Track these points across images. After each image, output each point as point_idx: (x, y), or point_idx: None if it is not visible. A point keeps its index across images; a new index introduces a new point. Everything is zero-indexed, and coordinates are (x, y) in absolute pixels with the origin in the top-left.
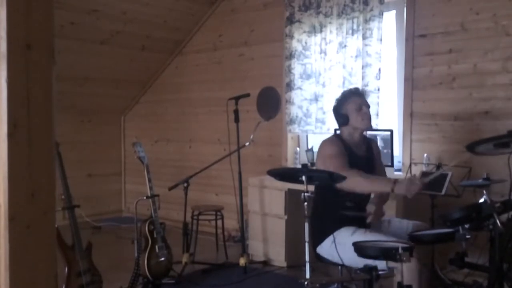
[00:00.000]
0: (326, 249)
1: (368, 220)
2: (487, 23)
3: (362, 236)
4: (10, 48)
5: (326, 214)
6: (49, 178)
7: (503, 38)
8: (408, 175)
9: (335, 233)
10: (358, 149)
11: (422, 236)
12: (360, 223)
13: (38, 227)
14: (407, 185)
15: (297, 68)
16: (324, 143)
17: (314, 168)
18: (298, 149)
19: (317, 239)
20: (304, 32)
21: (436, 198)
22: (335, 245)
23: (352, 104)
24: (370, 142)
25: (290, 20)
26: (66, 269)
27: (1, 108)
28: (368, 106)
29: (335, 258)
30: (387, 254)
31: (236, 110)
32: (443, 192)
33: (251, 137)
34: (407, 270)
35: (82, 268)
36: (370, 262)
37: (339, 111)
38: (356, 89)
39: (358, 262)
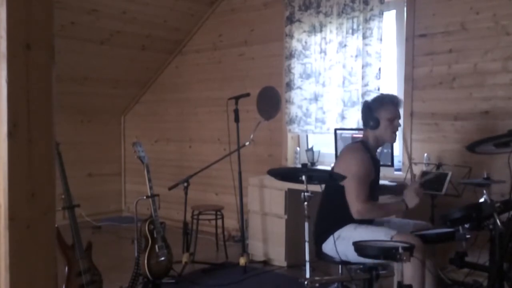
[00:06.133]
0: (331, 246)
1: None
2: (487, 23)
3: (365, 230)
4: (10, 48)
5: (334, 212)
6: (49, 178)
7: (503, 38)
8: (409, 189)
9: (339, 231)
10: (375, 152)
11: (422, 236)
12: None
13: (38, 227)
14: (414, 194)
15: (297, 67)
16: (353, 155)
17: (316, 168)
18: (298, 149)
19: (322, 237)
20: (304, 31)
21: (436, 198)
22: (339, 242)
23: (387, 112)
24: None
25: (290, 20)
26: (66, 269)
27: (1, 108)
28: (400, 118)
29: (339, 256)
30: (387, 254)
31: (236, 110)
32: (443, 192)
33: (251, 137)
34: (408, 270)
35: (82, 268)
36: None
37: (372, 113)
38: (396, 98)
39: (364, 258)
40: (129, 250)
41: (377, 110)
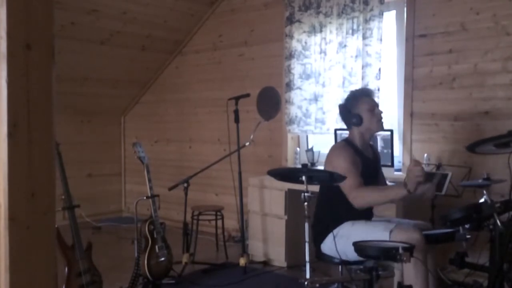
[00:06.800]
0: (329, 245)
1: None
2: (487, 23)
3: (362, 226)
4: (10, 48)
5: (330, 212)
6: (49, 178)
7: (503, 38)
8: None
9: (337, 229)
10: (366, 151)
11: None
12: (362, 217)
13: (38, 227)
14: (412, 177)
15: (297, 68)
16: (337, 152)
17: (316, 168)
18: (298, 149)
19: (320, 237)
20: (304, 32)
21: (436, 198)
22: (337, 240)
23: (365, 105)
24: (373, 146)
25: (290, 20)
26: (66, 269)
27: (1, 108)
28: (378, 106)
29: (337, 254)
30: (387, 254)
31: (236, 110)
32: (443, 192)
33: (251, 137)
34: (407, 270)
35: (82, 268)
36: None
37: (351, 111)
38: (367, 90)
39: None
40: (129, 250)
41: (354, 106)
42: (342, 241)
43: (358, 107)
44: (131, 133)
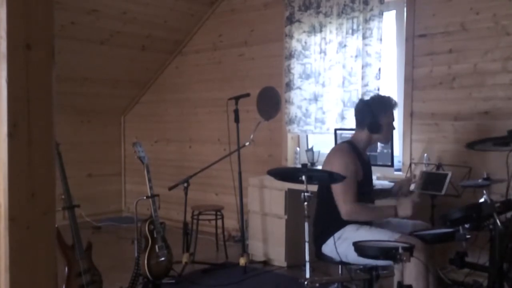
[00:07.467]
0: (331, 247)
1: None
2: (487, 23)
3: (367, 232)
4: (10, 48)
5: (332, 212)
6: (49, 178)
7: (503, 38)
8: (406, 198)
9: (340, 231)
10: (364, 154)
11: (422, 236)
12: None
13: (38, 227)
14: (409, 205)
15: (296, 68)
16: (338, 156)
17: (316, 168)
18: (298, 149)
19: (322, 238)
20: (304, 32)
21: (436, 198)
22: (340, 243)
23: (387, 118)
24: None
25: (290, 20)
26: (66, 269)
27: (1, 108)
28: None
29: (340, 257)
30: (387, 254)
31: (236, 110)
32: (443, 192)
33: (251, 137)
34: (408, 270)
35: (82, 268)
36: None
37: (375, 118)
38: (395, 103)
39: (364, 259)
40: (129, 250)
41: (380, 115)
42: (345, 244)
43: (383, 118)
44: (131, 133)
